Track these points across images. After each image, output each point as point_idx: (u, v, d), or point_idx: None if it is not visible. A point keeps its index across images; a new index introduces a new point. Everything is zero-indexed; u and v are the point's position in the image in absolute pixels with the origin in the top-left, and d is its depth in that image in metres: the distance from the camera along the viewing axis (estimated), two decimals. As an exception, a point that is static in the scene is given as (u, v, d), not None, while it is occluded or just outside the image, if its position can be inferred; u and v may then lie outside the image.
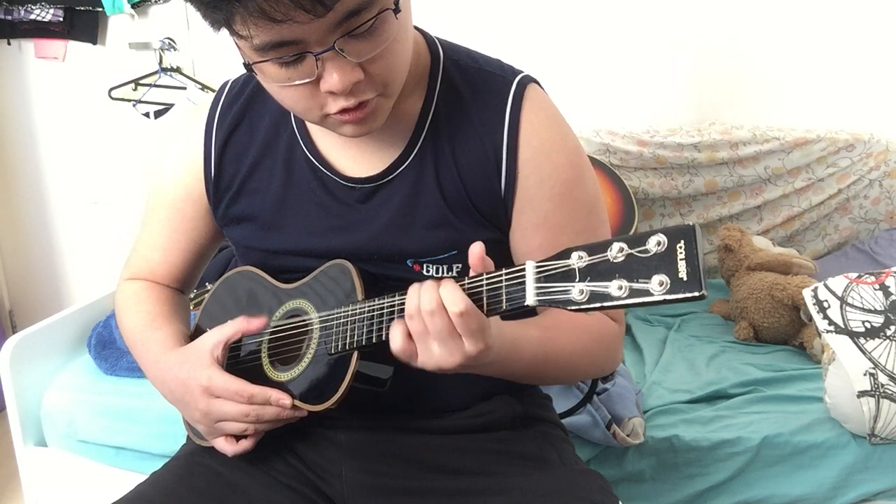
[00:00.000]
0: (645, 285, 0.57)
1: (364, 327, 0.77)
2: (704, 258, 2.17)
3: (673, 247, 0.57)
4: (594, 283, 0.60)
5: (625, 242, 0.59)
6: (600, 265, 0.60)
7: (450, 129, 0.86)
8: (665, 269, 0.57)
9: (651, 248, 0.58)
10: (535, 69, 0.95)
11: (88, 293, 2.08)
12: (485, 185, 0.85)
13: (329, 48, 0.69)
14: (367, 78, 0.73)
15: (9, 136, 2.65)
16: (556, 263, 0.63)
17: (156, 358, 0.92)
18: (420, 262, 0.86)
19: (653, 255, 0.58)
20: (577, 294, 0.60)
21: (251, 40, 0.69)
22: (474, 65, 0.89)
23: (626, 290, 0.58)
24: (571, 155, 0.87)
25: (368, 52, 0.71)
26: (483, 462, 0.90)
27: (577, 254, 0.62)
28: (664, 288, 0.56)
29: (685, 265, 0.56)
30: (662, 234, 0.58)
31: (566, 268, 0.62)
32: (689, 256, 0.56)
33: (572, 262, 0.61)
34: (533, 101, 0.86)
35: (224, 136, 0.93)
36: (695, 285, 0.55)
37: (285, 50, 0.70)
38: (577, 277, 0.61)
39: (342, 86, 0.71)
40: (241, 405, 0.83)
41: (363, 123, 0.78)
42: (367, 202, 0.88)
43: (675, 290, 0.56)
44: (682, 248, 0.56)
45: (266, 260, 0.94)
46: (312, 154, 0.89)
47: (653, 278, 0.57)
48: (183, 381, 0.87)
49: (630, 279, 0.58)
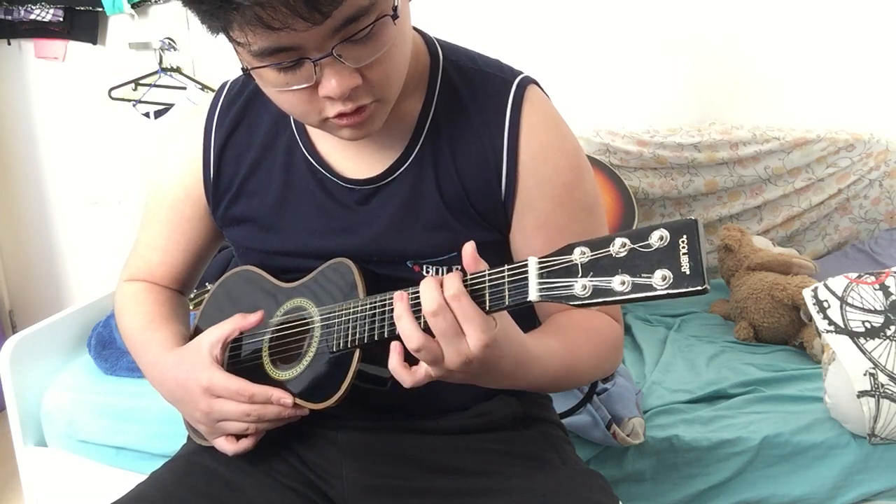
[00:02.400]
0: (647, 280, 0.57)
1: (366, 325, 0.77)
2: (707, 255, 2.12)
3: (675, 241, 0.57)
4: (597, 279, 0.60)
5: (627, 237, 0.59)
6: (603, 260, 0.60)
7: (449, 130, 0.86)
8: (667, 263, 0.56)
9: (653, 242, 0.58)
10: (535, 69, 0.95)
11: (88, 293, 2.08)
12: (484, 187, 0.85)
13: (327, 54, 0.69)
14: (364, 83, 0.73)
15: (9, 136, 2.65)
16: (558, 259, 0.62)
17: (155, 359, 0.92)
18: (420, 263, 0.87)
19: (655, 250, 0.57)
20: (579, 289, 0.60)
21: (249, 47, 0.69)
22: (473, 66, 0.89)
23: (628, 285, 0.58)
24: (571, 157, 0.87)
25: (366, 57, 0.72)
26: (483, 462, 0.90)
27: (580, 249, 0.61)
28: (667, 282, 0.56)
29: (688, 259, 0.56)
30: (665, 228, 0.58)
31: (569, 263, 0.62)
32: (691, 251, 0.56)
33: (574, 257, 0.61)
34: (532, 103, 0.86)
35: (223, 137, 0.93)
36: (697, 279, 0.55)
37: (283, 56, 0.70)
38: (580, 273, 0.61)
39: (340, 91, 0.71)
40: (242, 404, 0.83)
41: (361, 127, 0.78)
42: (367, 204, 0.88)
43: (678, 284, 0.56)
44: (684, 243, 0.56)
45: (265, 261, 0.94)
46: (312, 155, 0.89)
47: (655, 273, 0.57)
48: (182, 381, 0.86)
49: (632, 274, 0.58)
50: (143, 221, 1.02)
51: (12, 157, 2.67)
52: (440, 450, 0.91)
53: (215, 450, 0.89)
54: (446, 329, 0.67)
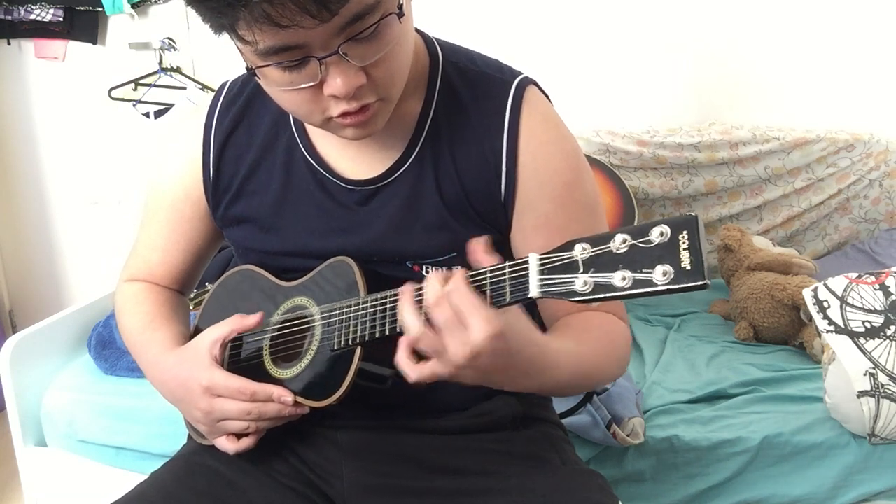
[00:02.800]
0: (648, 275, 0.57)
1: (367, 322, 0.77)
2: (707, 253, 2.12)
3: (676, 237, 0.57)
4: (598, 275, 0.60)
5: (628, 233, 0.59)
6: (603, 256, 0.60)
7: (449, 131, 0.86)
8: (668, 259, 0.57)
9: (654, 238, 0.58)
10: (535, 69, 0.95)
11: (88, 293, 2.08)
12: (484, 188, 0.85)
13: (333, 52, 0.69)
14: (369, 81, 0.73)
15: (9, 136, 2.65)
16: (559, 255, 0.63)
17: (155, 359, 0.92)
18: (420, 263, 0.87)
19: (656, 246, 0.58)
20: (580, 286, 0.60)
21: (255, 45, 0.69)
22: (473, 67, 0.89)
23: (629, 281, 0.58)
24: (570, 157, 0.87)
25: (371, 55, 0.72)
26: (483, 462, 0.90)
27: (581, 245, 0.61)
28: (668, 278, 0.56)
29: (688, 255, 0.56)
30: (665, 224, 0.58)
31: (569, 259, 0.62)
32: (692, 246, 0.56)
33: (575, 253, 0.61)
34: (532, 104, 0.87)
35: (223, 137, 0.93)
36: (698, 275, 0.55)
37: (289, 54, 0.70)
38: (581, 269, 0.61)
39: (346, 90, 0.71)
40: (243, 403, 0.83)
41: (364, 126, 0.78)
42: (367, 204, 0.88)
43: (679, 279, 0.56)
44: (684, 238, 0.57)
45: (265, 261, 0.94)
46: (311, 156, 0.89)
47: (656, 268, 0.57)
48: (183, 381, 0.86)
49: (633, 269, 0.58)
50: (143, 221, 1.02)
51: (12, 157, 2.67)
52: (440, 450, 0.91)
53: (216, 449, 0.89)
54: (448, 319, 0.65)
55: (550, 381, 0.75)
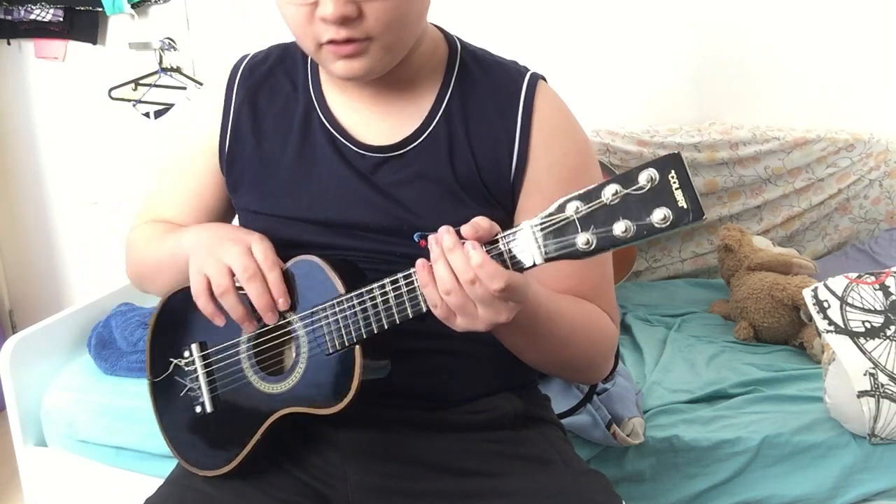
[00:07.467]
0: (648, 221, 0.58)
1: (360, 320, 0.77)
2: (704, 256, 2.14)
3: (665, 178, 0.58)
4: (598, 230, 0.61)
5: (617, 184, 0.60)
6: (599, 210, 0.61)
7: (465, 110, 0.90)
8: (664, 201, 0.58)
9: (644, 183, 0.58)
10: (536, 69, 0.96)
11: (88, 293, 2.08)
12: (496, 166, 0.88)
13: None
14: (362, 18, 0.77)
15: (9, 136, 2.64)
16: (554, 218, 0.63)
17: (197, 230, 0.91)
18: (426, 237, 0.86)
19: (648, 190, 0.58)
20: (582, 243, 0.61)
21: None
22: (490, 56, 0.95)
23: (630, 230, 0.59)
24: (580, 143, 0.91)
25: None
26: (487, 463, 0.91)
27: (573, 204, 0.62)
28: (668, 220, 0.57)
29: (682, 194, 0.57)
30: (651, 167, 0.58)
31: (566, 220, 0.62)
32: (683, 184, 0.57)
33: (569, 213, 0.62)
34: (545, 92, 0.92)
35: (241, 99, 0.95)
36: (696, 212, 0.57)
37: None
38: (580, 228, 0.62)
39: (334, 15, 0.76)
40: (250, 261, 0.80)
41: (351, 61, 0.81)
42: (377, 172, 0.89)
43: (680, 219, 0.57)
44: (674, 178, 0.57)
45: (274, 228, 0.90)
46: (328, 120, 0.92)
47: (654, 212, 0.58)
48: (227, 232, 0.86)
49: (632, 218, 0.59)
50: (156, 181, 1.04)
51: (12, 157, 2.67)
52: (443, 450, 0.91)
53: (208, 475, 0.89)
54: (483, 295, 0.68)
55: (543, 331, 0.80)
